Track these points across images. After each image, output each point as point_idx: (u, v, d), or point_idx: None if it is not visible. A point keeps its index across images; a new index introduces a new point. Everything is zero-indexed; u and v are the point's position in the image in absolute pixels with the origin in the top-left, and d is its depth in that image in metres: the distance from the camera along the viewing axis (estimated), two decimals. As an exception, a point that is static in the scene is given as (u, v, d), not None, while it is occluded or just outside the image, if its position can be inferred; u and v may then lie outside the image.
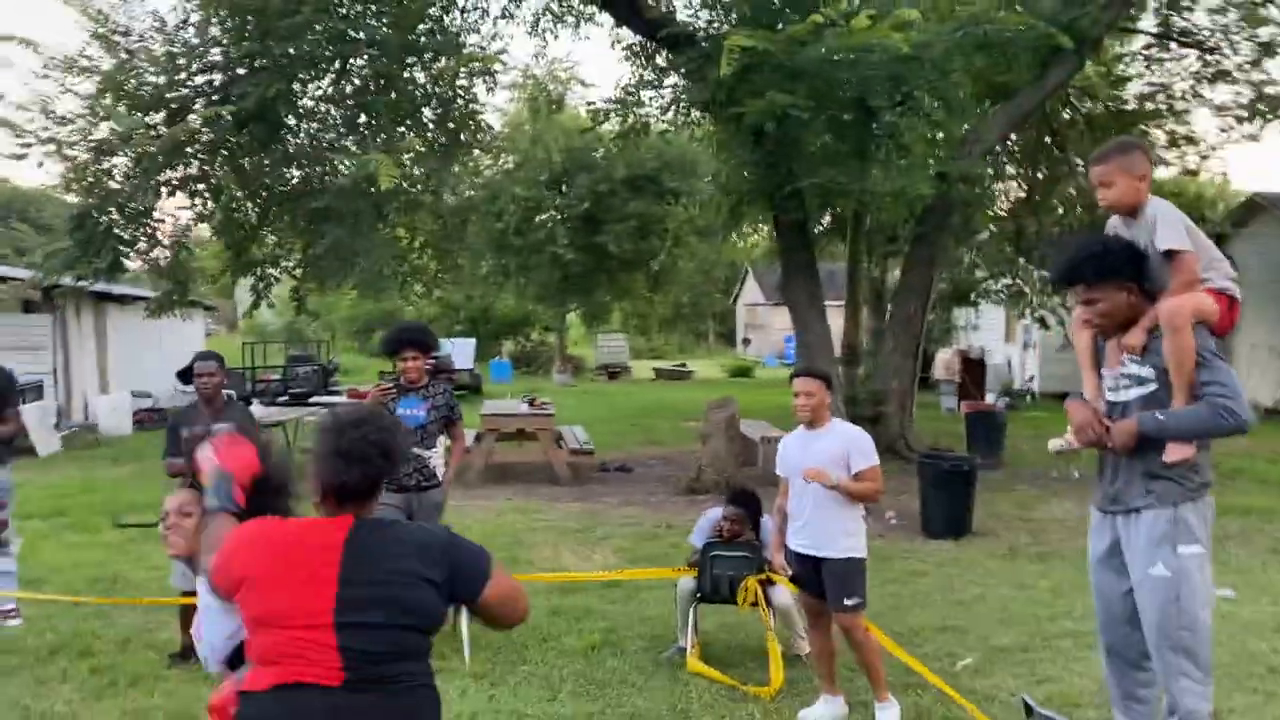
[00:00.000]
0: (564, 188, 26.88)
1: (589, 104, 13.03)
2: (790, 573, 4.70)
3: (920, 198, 11.29)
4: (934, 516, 8.69)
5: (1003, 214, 18.36)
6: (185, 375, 5.85)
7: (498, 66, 12.11)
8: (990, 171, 15.06)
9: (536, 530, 8.81)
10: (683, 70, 11.85)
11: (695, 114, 13.48)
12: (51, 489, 10.77)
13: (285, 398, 18.36)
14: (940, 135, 12.16)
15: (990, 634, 5.87)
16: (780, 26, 10.56)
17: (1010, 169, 17.50)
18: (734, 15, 11.39)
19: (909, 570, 7.36)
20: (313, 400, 16.41)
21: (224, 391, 5.95)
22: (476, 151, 15.10)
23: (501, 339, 36.76)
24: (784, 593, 5.19)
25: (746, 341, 42.02)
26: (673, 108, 13.43)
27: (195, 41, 10.74)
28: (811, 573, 4.55)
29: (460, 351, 24.59)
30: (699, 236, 26.95)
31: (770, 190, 12.20)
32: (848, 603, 4.45)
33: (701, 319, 46.93)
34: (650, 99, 12.61)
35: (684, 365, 33.47)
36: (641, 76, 12.82)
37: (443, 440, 6.02)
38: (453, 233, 14.86)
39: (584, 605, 6.37)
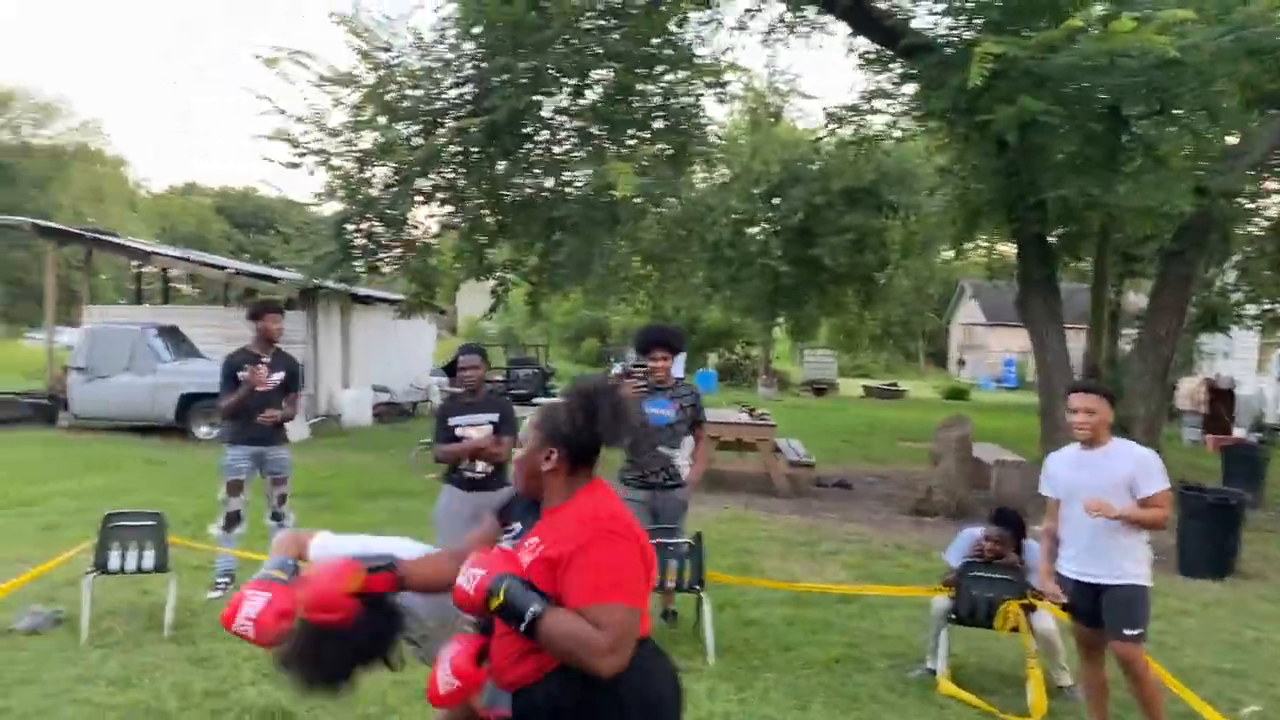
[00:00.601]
0: (777, 200, 26.77)
1: (825, 110, 12.78)
2: (1063, 601, 4.41)
3: (1177, 214, 10.54)
4: (1194, 553, 8.05)
5: (1262, 232, 16.92)
6: (450, 369, 6.16)
7: (729, 77, 12.20)
8: (1249, 187, 13.89)
9: (761, 540, 8.75)
10: (922, 78, 11.53)
11: (930, 123, 13.09)
12: (307, 471, 11.59)
13: (507, 398, 19.08)
14: (1200, 147, 11.32)
15: (1275, 681, 5.37)
16: (1027, 32, 10.13)
17: (1272, 184, 16.08)
18: (979, 21, 10.98)
19: (1171, 609, 6.82)
20: (533, 401, 16.96)
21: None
22: (698, 163, 15.27)
23: (707, 350, 36.96)
24: (1048, 619, 4.93)
25: (961, 363, 40.48)
26: (906, 116, 13.11)
27: (450, 56, 11.34)
28: (1089, 602, 4.26)
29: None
30: (917, 252, 26.22)
31: (1010, 201, 11.72)
32: (1129, 633, 4.15)
33: (911, 338, 45.57)
34: (887, 106, 12.31)
35: (895, 384, 32.56)
36: (877, 85, 12.53)
37: (687, 441, 6.04)
38: (676, 243, 15.06)
39: (821, 618, 6.26)
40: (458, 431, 5.83)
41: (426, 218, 12.45)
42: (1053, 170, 10.83)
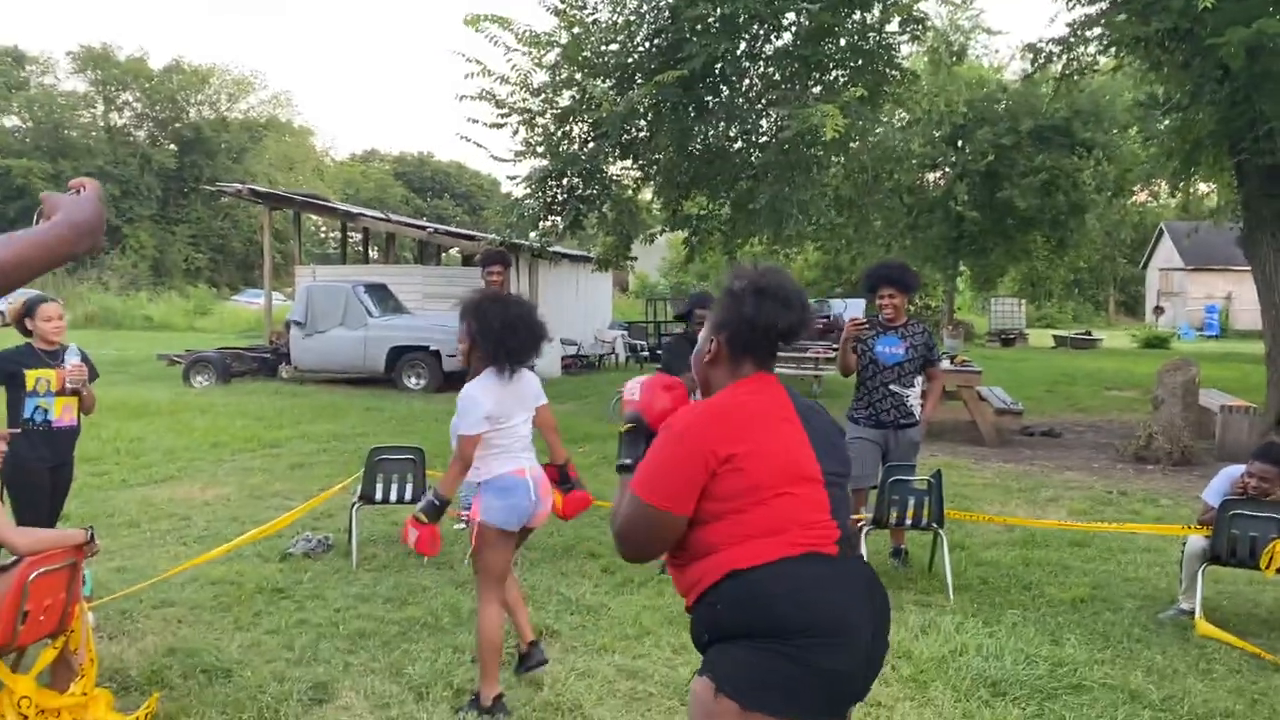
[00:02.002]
0: (961, 143, 25.86)
1: (1027, 45, 12.23)
2: None
3: None
4: None
5: None
6: (684, 317, 6.36)
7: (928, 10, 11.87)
8: None
9: (976, 486, 8.62)
10: (1137, 2, 10.88)
11: (1141, 52, 12.33)
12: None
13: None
14: None
15: None
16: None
17: None
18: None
19: None
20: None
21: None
22: (889, 105, 14.92)
23: (884, 301, 36.11)
24: (1321, 560, 4.70)
25: (1159, 310, 38.22)
26: (1114, 46, 12.39)
27: (644, 9, 11.42)
28: None
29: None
30: (1129, 191, 24.87)
31: (1235, 132, 10.98)
32: None
33: (1101, 285, 43.28)
34: (1095, 35, 11.67)
35: (1089, 332, 31.09)
36: (1085, 15, 11.88)
37: (920, 380, 6.00)
38: (862, 187, 14.79)
39: (1057, 560, 6.16)
40: None
41: (621, 170, 12.64)
42: (1283, 97, 10.07)
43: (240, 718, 3.85)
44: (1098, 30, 12.07)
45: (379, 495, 5.99)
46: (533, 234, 12.53)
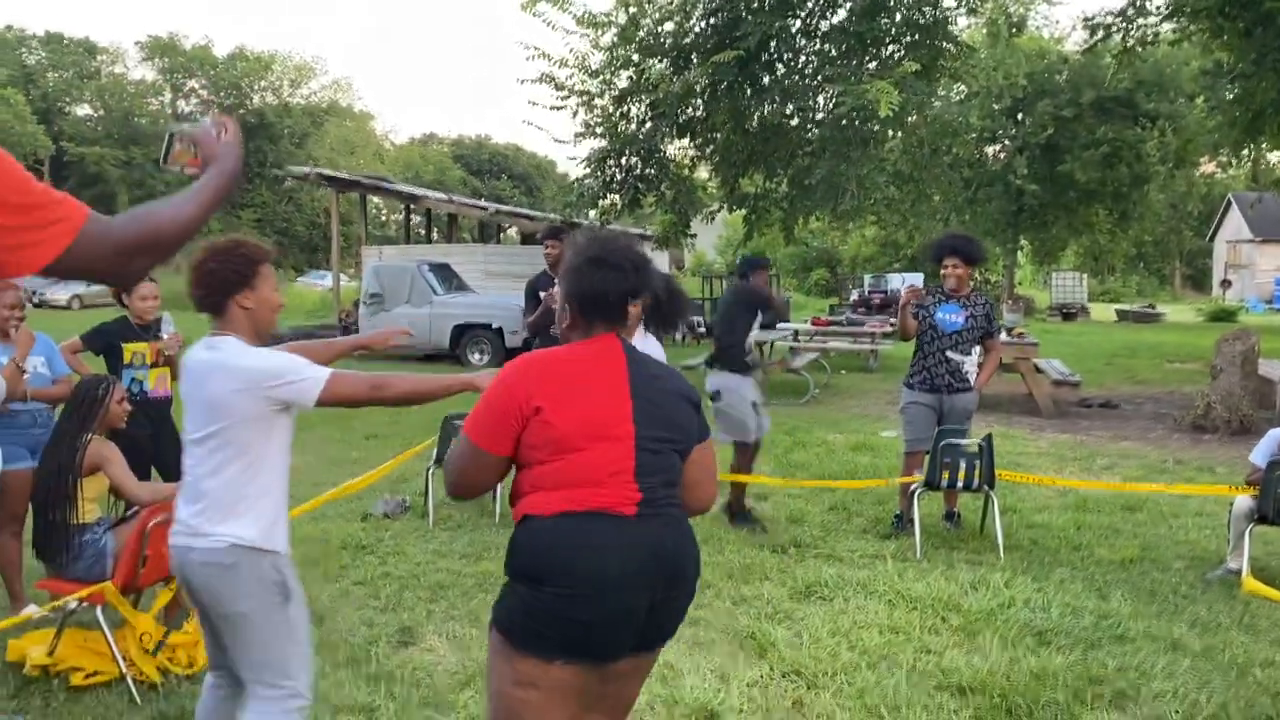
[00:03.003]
0: (1021, 115, 25.58)
1: (1084, 20, 12.18)
2: None
3: None
4: None
5: None
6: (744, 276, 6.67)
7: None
8: None
9: (1031, 455, 8.74)
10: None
11: (1203, 21, 12.21)
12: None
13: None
14: None
15: None
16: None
17: None
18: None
19: None
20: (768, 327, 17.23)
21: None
22: (945, 78, 14.89)
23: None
24: (1368, 520, 4.81)
25: (1226, 283, 37.41)
26: (1175, 16, 12.28)
27: (702, -13, 11.59)
28: None
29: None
30: (1192, 161, 24.41)
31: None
32: None
33: (1167, 259, 42.41)
34: (1155, 8, 11.61)
35: (1152, 306, 30.62)
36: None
37: (977, 350, 6.16)
38: (920, 162, 14.80)
39: (1108, 524, 6.31)
40: None
41: (678, 149, 12.84)
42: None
43: (335, 657, 4.18)
44: (1159, 1, 12.02)
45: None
46: (592, 213, 12.82)
